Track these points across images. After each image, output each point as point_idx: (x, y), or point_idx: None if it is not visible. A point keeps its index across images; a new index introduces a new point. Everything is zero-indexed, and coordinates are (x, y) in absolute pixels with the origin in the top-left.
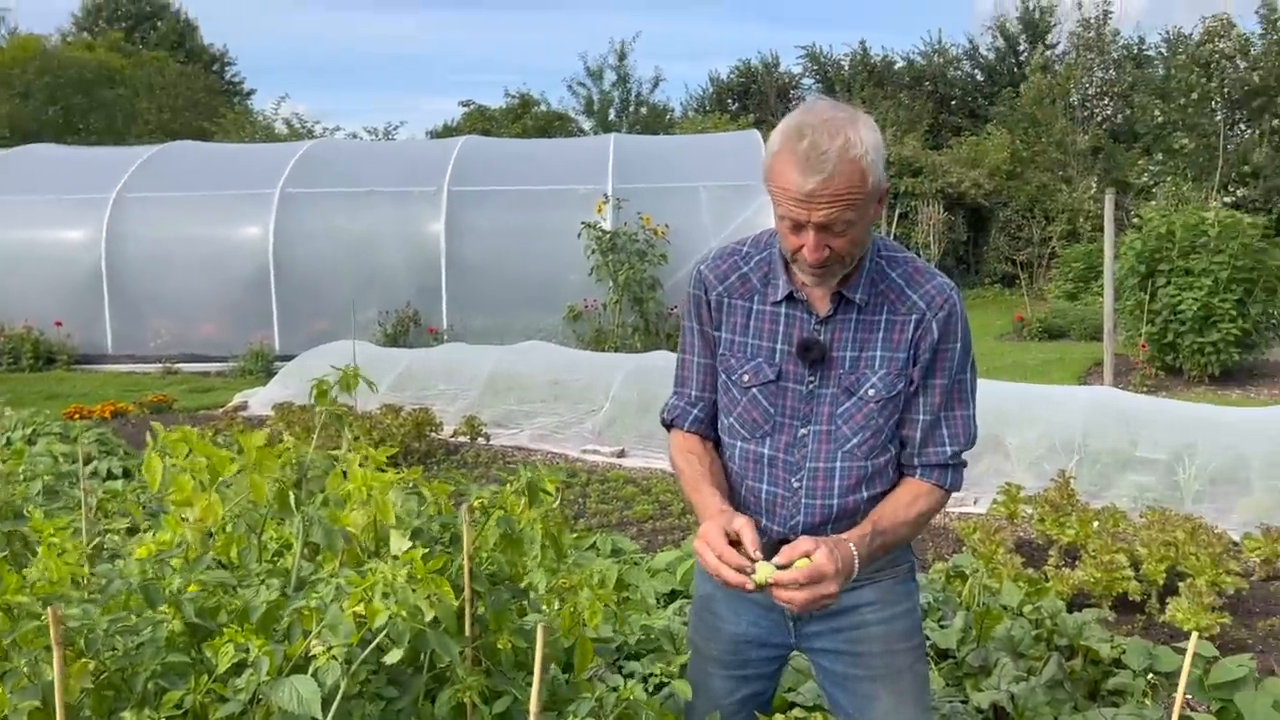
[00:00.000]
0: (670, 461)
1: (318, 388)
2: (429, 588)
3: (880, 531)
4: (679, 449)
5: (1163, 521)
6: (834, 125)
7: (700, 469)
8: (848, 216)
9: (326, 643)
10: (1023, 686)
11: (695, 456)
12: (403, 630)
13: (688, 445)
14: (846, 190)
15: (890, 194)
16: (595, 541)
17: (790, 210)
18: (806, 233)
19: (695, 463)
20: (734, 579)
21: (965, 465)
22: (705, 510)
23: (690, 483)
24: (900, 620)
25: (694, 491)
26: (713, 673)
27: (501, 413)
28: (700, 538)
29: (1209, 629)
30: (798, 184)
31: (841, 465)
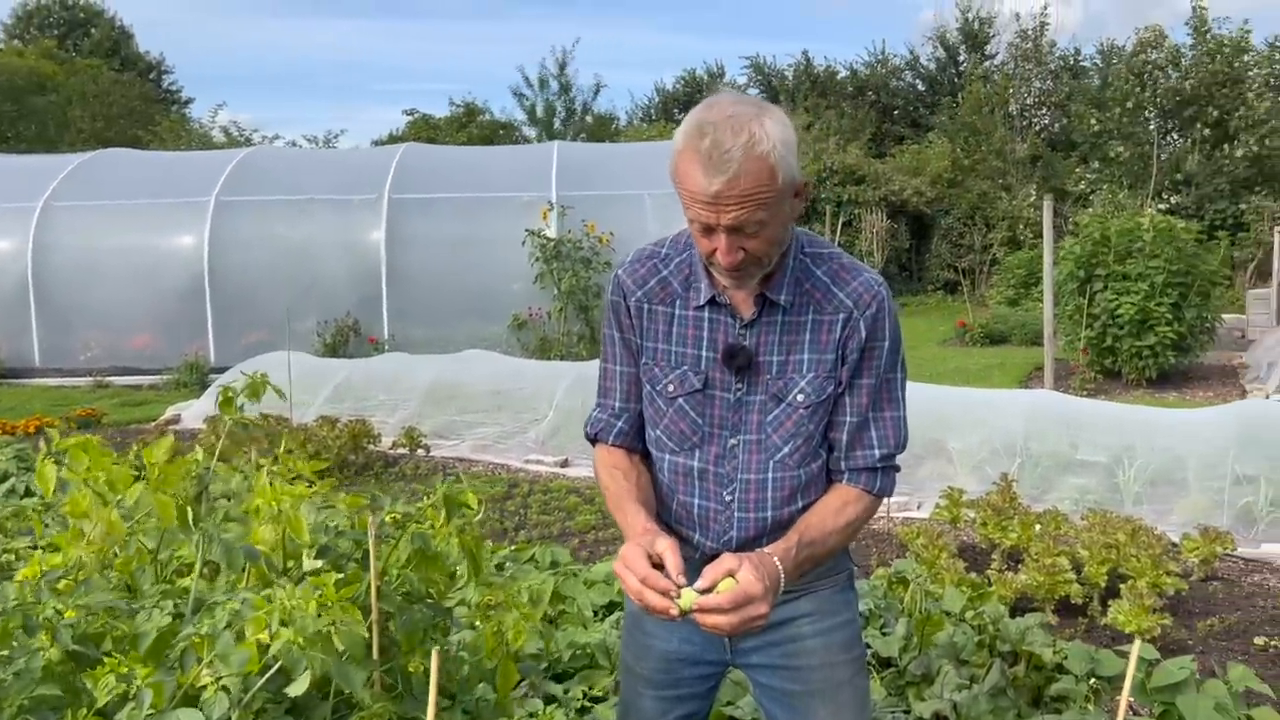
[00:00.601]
0: (596, 477)
1: (223, 395)
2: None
3: (808, 542)
4: (604, 464)
5: (1104, 524)
6: (737, 121)
7: (625, 485)
8: (759, 217)
9: (217, 673)
10: (965, 695)
11: (620, 472)
12: (298, 659)
13: (613, 460)
14: (754, 189)
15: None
16: (534, 554)
17: (699, 214)
18: (718, 236)
19: (620, 478)
20: (658, 605)
21: (897, 469)
22: (629, 529)
23: (614, 500)
24: (839, 631)
25: (617, 509)
26: (644, 692)
27: (442, 423)
28: (621, 560)
29: (1150, 631)
30: (702, 186)
31: (774, 476)
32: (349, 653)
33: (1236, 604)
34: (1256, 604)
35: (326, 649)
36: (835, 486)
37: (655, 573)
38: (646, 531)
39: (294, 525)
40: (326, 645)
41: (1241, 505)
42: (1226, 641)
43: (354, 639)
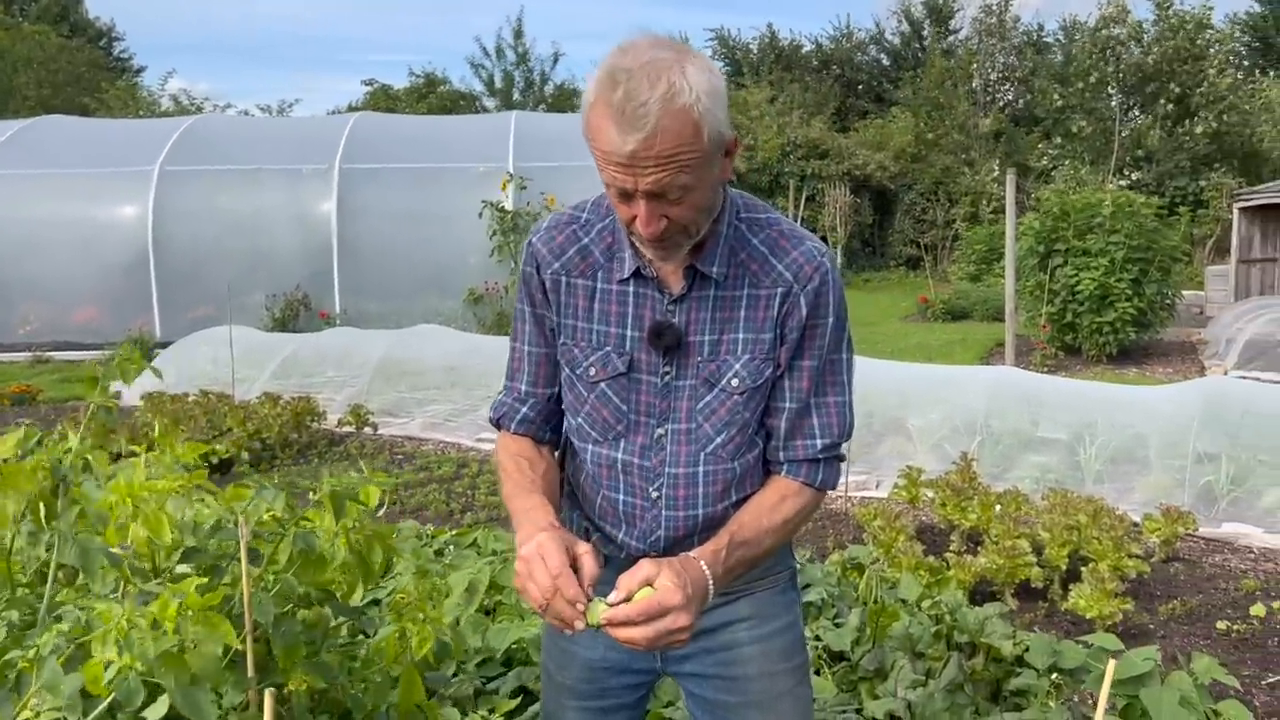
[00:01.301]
0: (497, 467)
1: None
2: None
3: (740, 543)
4: (506, 451)
5: (1065, 504)
6: (654, 68)
7: (530, 475)
8: (682, 181)
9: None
10: (920, 693)
11: (527, 461)
12: (135, 689)
13: (517, 448)
14: (675, 149)
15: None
16: (476, 539)
17: (614, 177)
18: (637, 202)
19: (526, 468)
20: (566, 614)
21: (841, 459)
22: (532, 523)
23: (513, 489)
24: (779, 637)
25: (516, 499)
26: (567, 704)
27: (392, 400)
28: (534, 552)
29: (1111, 617)
30: (616, 145)
31: (705, 469)
32: (203, 675)
33: (1198, 586)
34: (1218, 586)
35: (178, 671)
36: (772, 480)
37: (570, 574)
38: (554, 527)
39: (151, 524)
40: (177, 666)
41: (1203, 484)
42: (1189, 625)
43: (208, 659)
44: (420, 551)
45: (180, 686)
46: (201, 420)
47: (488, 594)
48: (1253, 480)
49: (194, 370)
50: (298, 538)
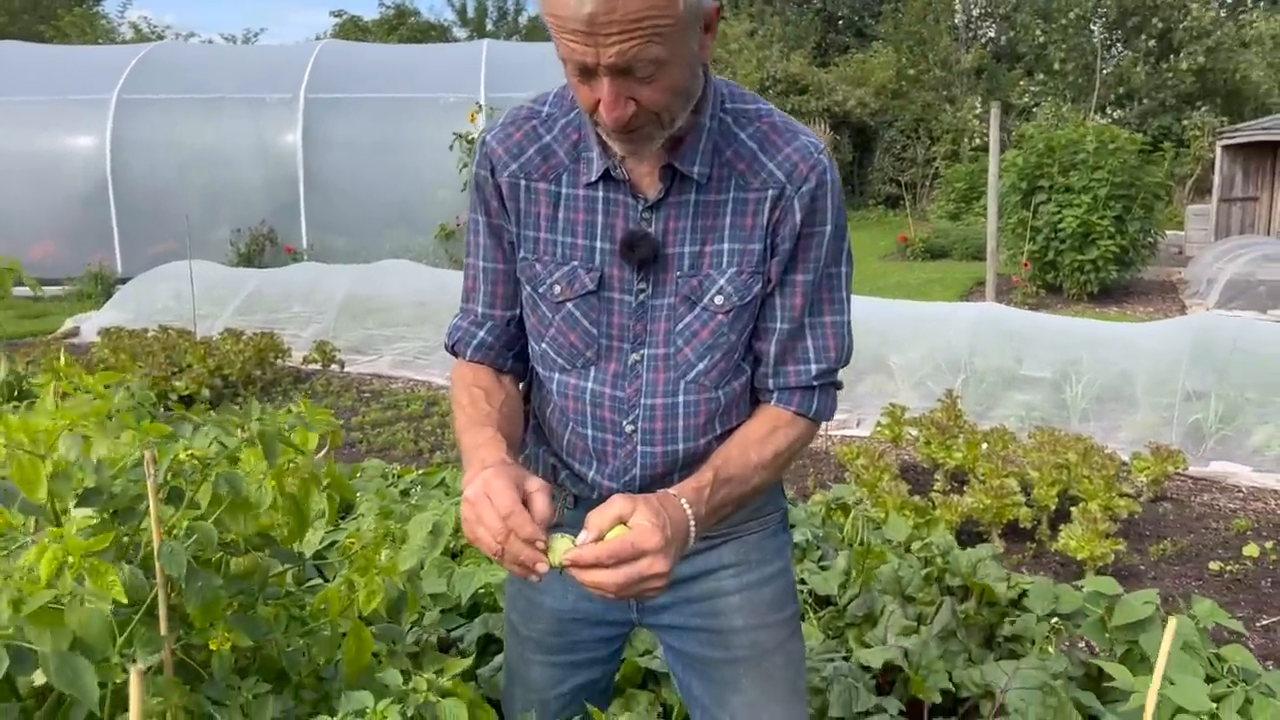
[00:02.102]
0: (452, 399)
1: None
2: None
3: (725, 479)
4: (462, 382)
5: (1053, 443)
6: None
7: (485, 408)
8: (652, 54)
9: None
10: (915, 640)
11: (483, 392)
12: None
13: (473, 377)
14: (642, 11)
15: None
16: (444, 478)
17: (571, 49)
18: (599, 82)
19: (481, 400)
20: (525, 556)
21: (838, 387)
22: (484, 457)
23: (466, 423)
24: (768, 586)
25: (468, 432)
26: (532, 659)
27: (360, 338)
28: (478, 491)
29: (1103, 558)
30: (573, 7)
31: (685, 399)
32: (88, 638)
33: (1188, 526)
34: (1208, 525)
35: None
36: (761, 410)
37: (523, 512)
38: (506, 464)
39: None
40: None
41: (1191, 422)
42: (1179, 566)
43: (92, 619)
44: (385, 491)
45: (56, 651)
46: (160, 357)
47: (454, 536)
48: (1241, 418)
49: (155, 306)
50: (220, 480)
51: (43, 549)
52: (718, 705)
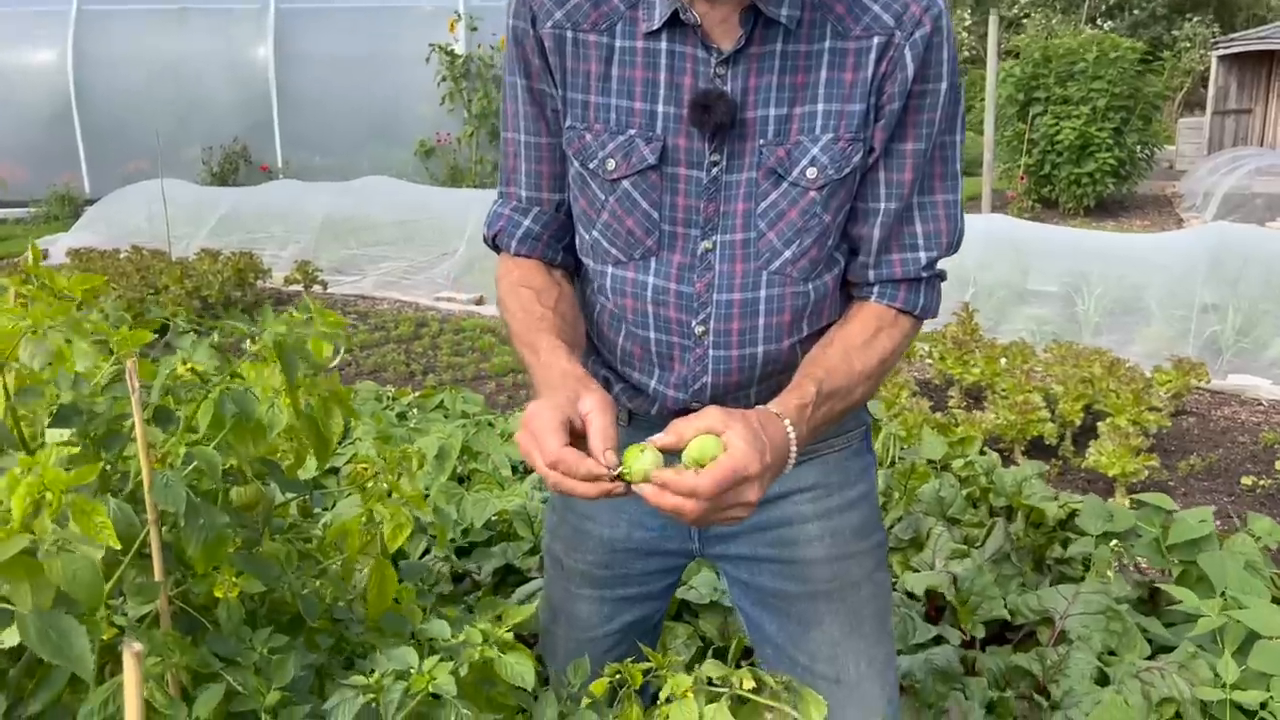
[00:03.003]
0: (498, 303)
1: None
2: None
3: (829, 394)
4: (508, 282)
5: (1074, 356)
6: None
7: (538, 310)
8: None
9: None
10: (966, 565)
11: (532, 293)
12: None
13: (522, 275)
14: None
15: None
16: (442, 400)
17: None
18: None
19: (531, 302)
20: (586, 491)
21: (943, 278)
22: (543, 376)
23: (521, 332)
24: (852, 511)
25: (525, 346)
26: (579, 594)
27: (343, 258)
28: (525, 425)
29: (1135, 474)
30: None
31: (768, 294)
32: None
33: (1214, 440)
34: (1235, 440)
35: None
36: (859, 307)
37: (572, 453)
38: (566, 379)
39: None
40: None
41: (1208, 335)
42: (1209, 482)
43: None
44: (381, 415)
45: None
46: (135, 278)
47: (460, 460)
48: (1258, 330)
49: (127, 227)
50: (226, 398)
51: (13, 482)
52: (794, 644)
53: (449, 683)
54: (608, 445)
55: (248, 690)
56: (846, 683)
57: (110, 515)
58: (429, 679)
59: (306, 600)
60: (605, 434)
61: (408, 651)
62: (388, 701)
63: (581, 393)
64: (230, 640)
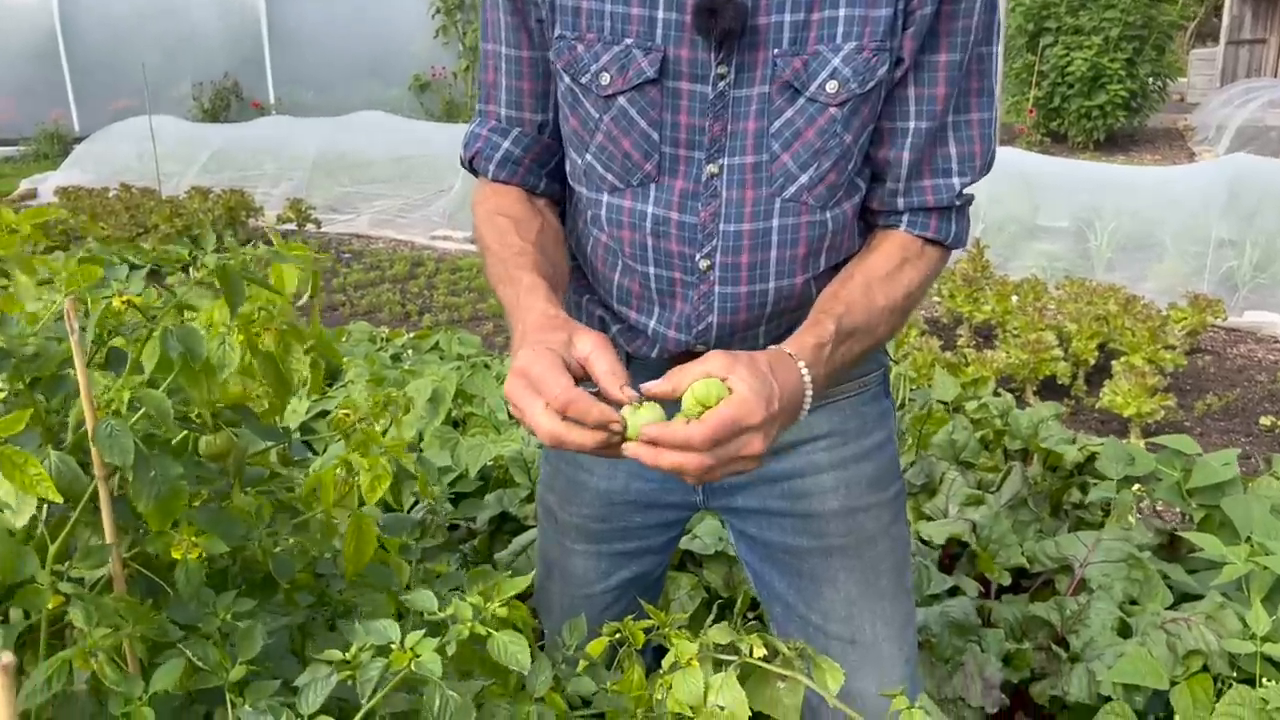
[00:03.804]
0: (474, 233)
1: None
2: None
3: (849, 333)
4: (485, 211)
5: (1087, 294)
6: None
7: (518, 244)
8: None
9: None
10: (983, 512)
11: (512, 224)
12: None
13: (500, 204)
14: None
15: None
16: (438, 341)
17: None
18: None
19: (511, 234)
20: (585, 440)
21: (971, 204)
22: (523, 317)
23: (498, 268)
24: (869, 460)
25: (503, 283)
26: (573, 548)
27: (336, 196)
28: (520, 372)
29: (1151, 415)
30: None
31: (781, 224)
32: None
33: (1230, 379)
34: (1252, 379)
35: None
36: (883, 237)
37: (585, 395)
38: (549, 323)
39: None
40: None
41: (1224, 271)
42: (1226, 422)
43: None
44: (374, 356)
45: None
46: (124, 216)
47: (455, 403)
48: (1276, 266)
49: (116, 165)
50: (170, 335)
51: None
52: (806, 603)
53: (433, 661)
54: (622, 381)
55: (208, 664)
56: (862, 644)
57: (50, 469)
58: (411, 656)
59: (279, 559)
60: (615, 371)
61: (389, 625)
62: (365, 680)
63: (574, 334)
64: (190, 606)
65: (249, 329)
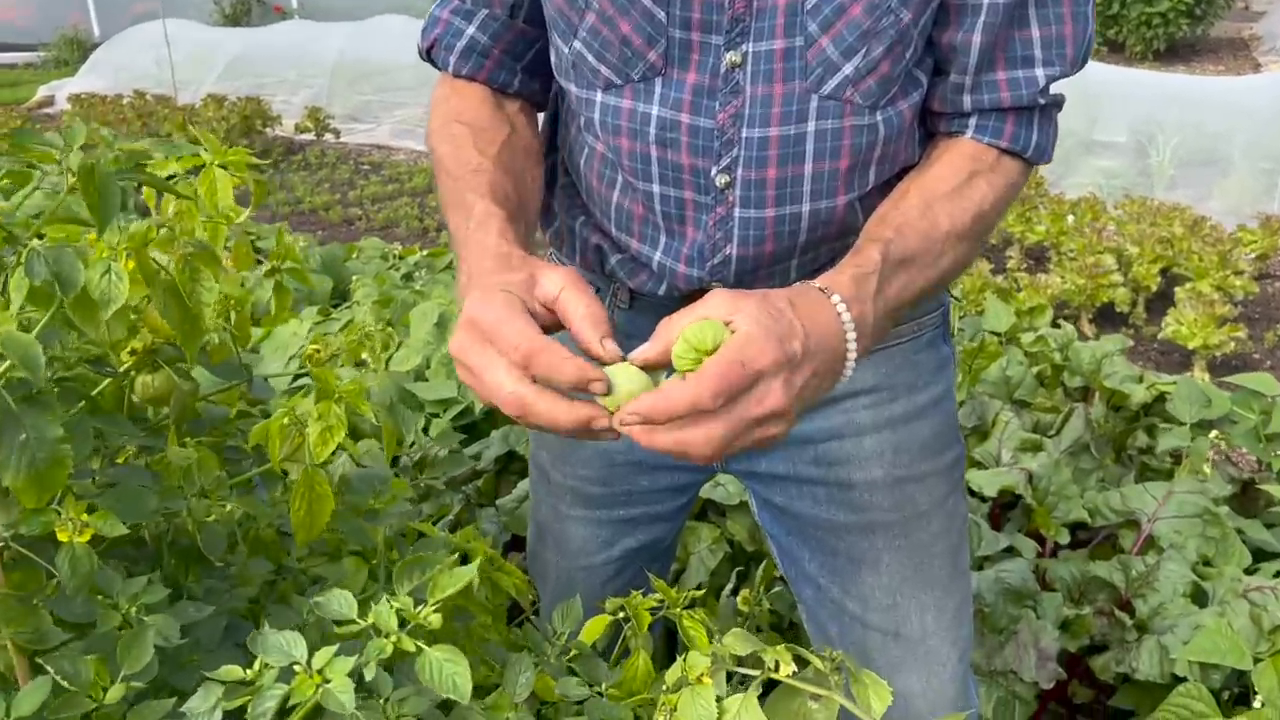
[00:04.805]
0: (427, 143)
1: None
2: None
3: (901, 260)
4: (442, 115)
5: (1150, 214)
6: None
7: (474, 159)
8: None
9: None
10: (1041, 460)
11: (470, 133)
12: None
13: (461, 106)
14: None
15: None
16: (452, 260)
17: None
18: None
19: (467, 146)
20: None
21: (1061, 108)
22: (471, 256)
23: (450, 188)
24: (922, 420)
25: (453, 208)
26: (570, 514)
27: (357, 104)
28: (469, 324)
29: (1220, 346)
30: None
31: (819, 128)
32: None
33: None
34: None
35: None
36: (948, 145)
37: (552, 344)
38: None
39: None
40: None
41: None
42: None
43: None
44: (385, 275)
45: None
46: (136, 125)
47: None
48: None
49: (135, 72)
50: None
51: None
52: (842, 588)
53: (345, 690)
54: (602, 331)
55: (75, 683)
56: (907, 638)
57: None
58: (318, 682)
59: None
60: (595, 317)
61: (293, 640)
62: (259, 713)
63: (537, 272)
64: (77, 601)
65: (142, 253)
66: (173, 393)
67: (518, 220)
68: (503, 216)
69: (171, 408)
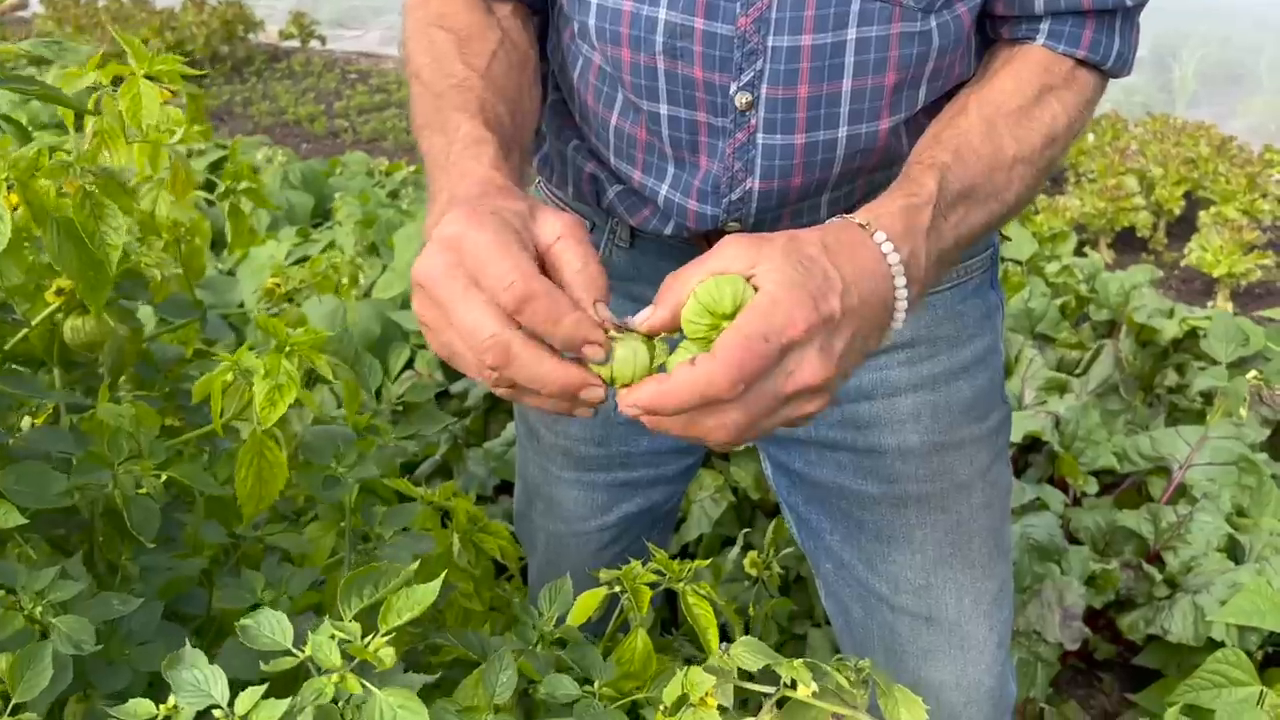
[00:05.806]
0: (402, 51)
1: None
2: None
3: (961, 192)
4: (420, 19)
5: (1174, 133)
6: None
7: (459, 72)
8: None
9: None
10: (1068, 402)
11: (453, 41)
12: None
13: (442, 10)
14: None
15: None
16: None
17: None
18: None
19: (450, 56)
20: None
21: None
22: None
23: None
24: (963, 379)
25: (431, 129)
26: (561, 476)
27: (343, 9)
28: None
29: (1246, 274)
30: None
31: (860, 35)
32: None
33: None
34: None
35: None
36: (1013, 54)
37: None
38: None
39: None
40: None
41: None
42: None
43: None
44: (369, 193)
45: None
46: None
47: None
48: None
49: None
50: None
51: None
52: (869, 565)
53: None
54: (596, 295)
55: None
56: (941, 622)
57: None
58: None
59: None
60: (592, 276)
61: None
62: None
63: (536, 209)
64: None
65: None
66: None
67: (511, 149)
68: (495, 143)
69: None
